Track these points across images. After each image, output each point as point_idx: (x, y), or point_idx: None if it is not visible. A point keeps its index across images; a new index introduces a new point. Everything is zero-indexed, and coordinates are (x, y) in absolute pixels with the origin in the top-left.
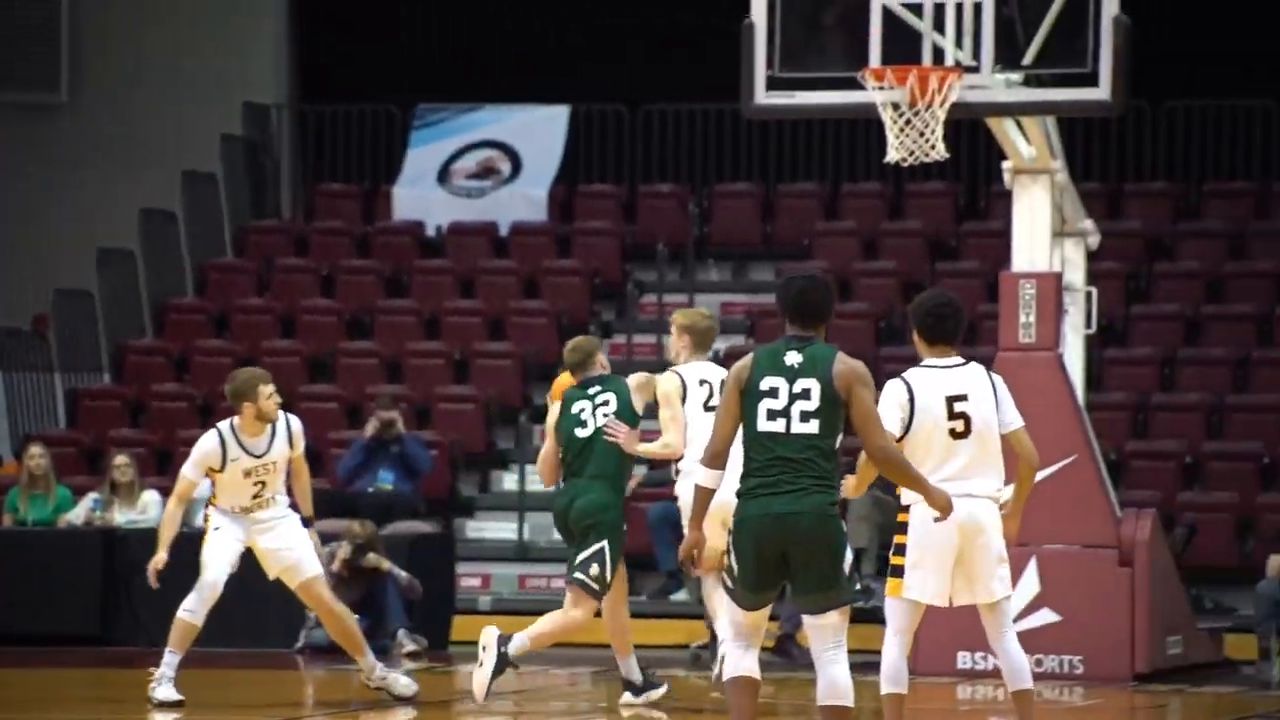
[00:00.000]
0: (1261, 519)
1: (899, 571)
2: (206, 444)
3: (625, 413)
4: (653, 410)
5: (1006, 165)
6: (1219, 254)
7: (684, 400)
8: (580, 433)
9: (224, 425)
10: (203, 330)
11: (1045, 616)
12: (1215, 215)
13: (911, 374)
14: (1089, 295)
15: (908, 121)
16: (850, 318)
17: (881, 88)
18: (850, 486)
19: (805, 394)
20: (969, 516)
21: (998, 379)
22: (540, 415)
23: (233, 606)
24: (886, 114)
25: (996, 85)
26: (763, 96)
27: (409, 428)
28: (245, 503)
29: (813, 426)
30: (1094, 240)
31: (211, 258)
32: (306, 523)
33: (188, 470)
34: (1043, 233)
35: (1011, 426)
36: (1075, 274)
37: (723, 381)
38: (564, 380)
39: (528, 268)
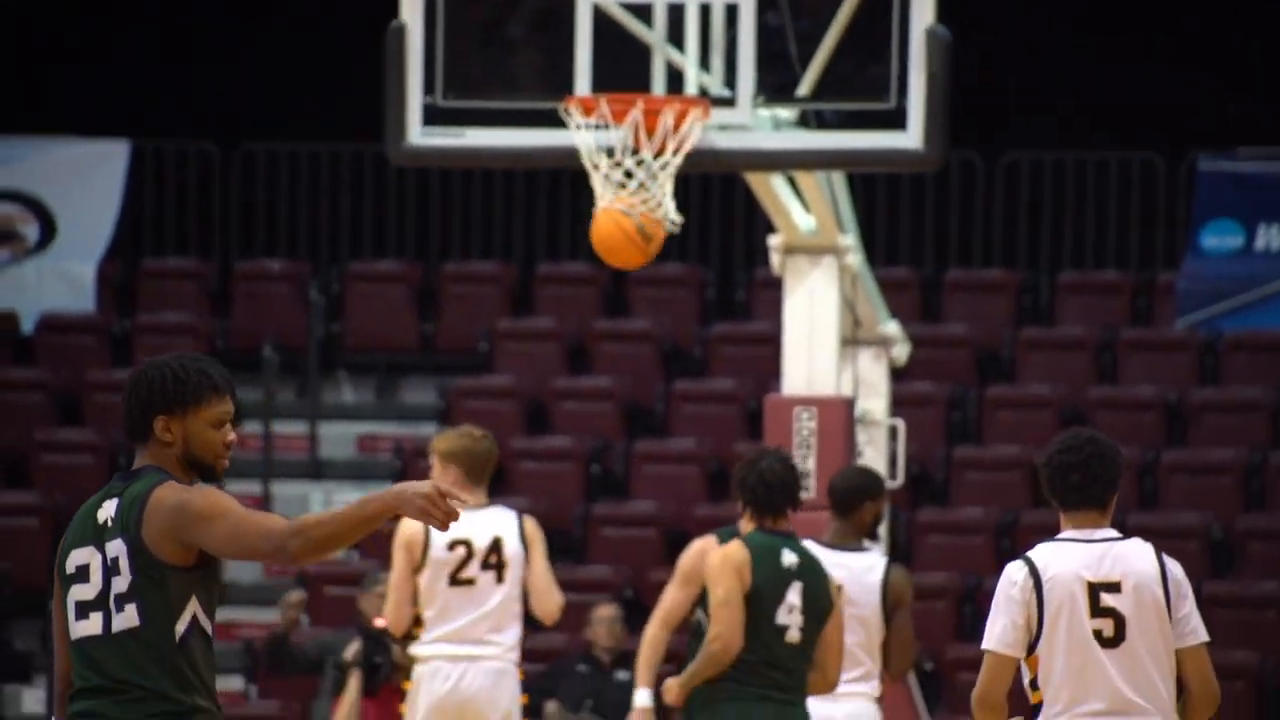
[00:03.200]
0: None
1: None
2: None
3: None
4: None
5: (774, 241)
6: (1076, 372)
7: (421, 564)
8: None
9: None
10: None
11: None
12: (1076, 315)
13: (1040, 552)
14: (894, 430)
15: (628, 174)
16: (550, 457)
17: (593, 125)
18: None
19: (115, 565)
20: None
21: (1171, 565)
22: None
23: None
24: (598, 163)
25: (760, 125)
26: (418, 134)
27: None
28: None
29: (131, 617)
30: (901, 352)
31: None
32: None
33: None
34: (827, 339)
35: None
36: (875, 400)
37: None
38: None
39: (66, 381)
